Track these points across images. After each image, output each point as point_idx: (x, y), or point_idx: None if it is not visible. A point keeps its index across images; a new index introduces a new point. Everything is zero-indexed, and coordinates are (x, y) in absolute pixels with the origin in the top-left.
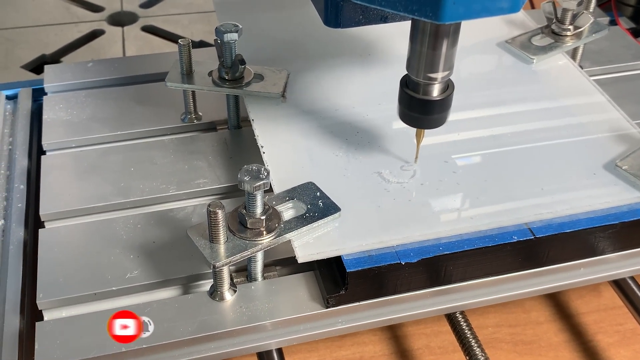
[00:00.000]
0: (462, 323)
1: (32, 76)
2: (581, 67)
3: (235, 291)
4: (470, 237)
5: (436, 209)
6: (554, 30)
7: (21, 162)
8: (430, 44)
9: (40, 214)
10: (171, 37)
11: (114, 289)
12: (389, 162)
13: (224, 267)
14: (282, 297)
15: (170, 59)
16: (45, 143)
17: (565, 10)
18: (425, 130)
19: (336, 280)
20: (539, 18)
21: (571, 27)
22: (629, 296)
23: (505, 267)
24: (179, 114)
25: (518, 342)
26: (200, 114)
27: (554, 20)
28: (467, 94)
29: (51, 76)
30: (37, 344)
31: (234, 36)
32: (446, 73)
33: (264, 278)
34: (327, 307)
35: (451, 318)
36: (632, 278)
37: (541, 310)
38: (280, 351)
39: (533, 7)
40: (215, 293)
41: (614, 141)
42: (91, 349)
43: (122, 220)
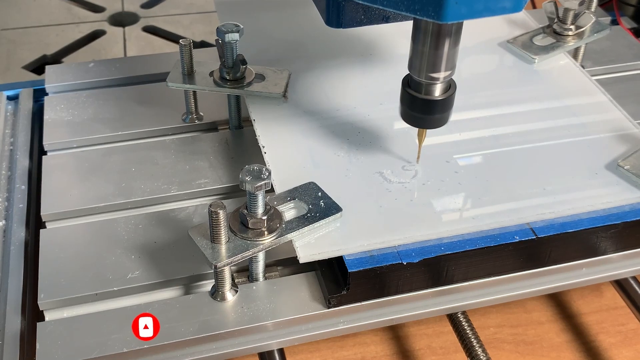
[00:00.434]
0: (464, 323)
1: (34, 76)
2: (583, 67)
3: (236, 291)
4: (472, 237)
5: (438, 209)
6: (555, 30)
7: (22, 162)
8: (432, 43)
9: (41, 214)
10: (172, 38)
11: (115, 289)
12: (390, 162)
13: (225, 268)
14: (284, 298)
15: (172, 59)
16: (47, 143)
17: (566, 10)
18: (427, 130)
19: (338, 280)
20: (540, 18)
21: (573, 27)
22: (630, 296)
23: (507, 267)
24: (180, 114)
25: (520, 343)
26: (202, 114)
27: (556, 20)
28: (469, 94)
29: (52, 77)
30: (38, 344)
31: (235, 36)
32: (448, 73)
33: (266, 278)
34: (328, 308)
35: (453, 318)
36: (634, 278)
37: (543, 311)
38: (281, 351)
39: (534, 6)
40: (216, 293)
41: (616, 141)
42: (93, 349)
43: (124, 220)
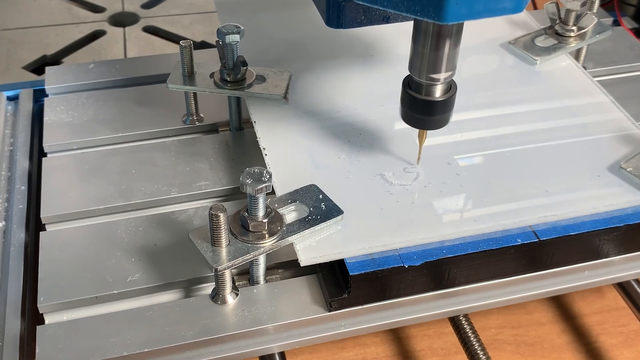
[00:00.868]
0: (465, 326)
1: (33, 77)
2: (584, 68)
3: (237, 294)
4: (474, 240)
5: (440, 211)
6: (557, 31)
7: (22, 163)
8: (433, 44)
9: (41, 216)
10: (172, 38)
11: (115, 292)
12: (392, 164)
13: (226, 271)
14: (285, 301)
15: (172, 60)
16: (47, 145)
17: (568, 11)
18: (428, 131)
19: (339, 283)
20: (542, 19)
21: (575, 28)
22: (632, 298)
23: (509, 270)
24: (180, 115)
25: (521, 344)
26: (202, 115)
27: (558, 21)
28: (471, 95)
29: (52, 78)
30: (38, 347)
31: (236, 37)
32: (449, 74)
33: (266, 281)
34: (329, 311)
35: (454, 321)
36: (636, 280)
37: (544, 312)
38: (282, 355)
39: (535, 7)
40: (217, 296)
41: (618, 142)
42: (92, 353)
43: (124, 222)
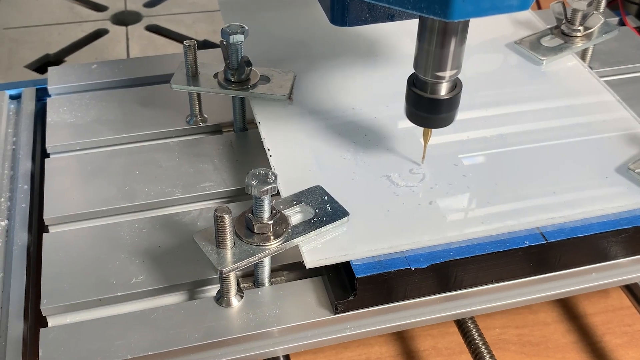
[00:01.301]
0: (472, 329)
1: (36, 76)
2: (591, 68)
3: (242, 297)
4: (481, 242)
5: (446, 213)
6: (563, 31)
7: (25, 164)
8: (439, 42)
9: (44, 217)
10: (175, 37)
11: (119, 294)
12: (397, 165)
13: (230, 273)
14: (290, 303)
15: (175, 60)
16: (49, 146)
17: (575, 11)
18: (434, 131)
19: (345, 286)
20: (547, 19)
21: (581, 28)
22: (638, 298)
23: (516, 272)
24: (184, 116)
25: (525, 343)
26: (206, 116)
27: (564, 21)
28: (476, 94)
29: (55, 78)
30: (41, 350)
31: (240, 38)
32: (454, 72)
33: (271, 283)
34: (335, 314)
35: (460, 323)
36: None
37: (549, 311)
38: (287, 358)
39: (540, 7)
40: (221, 299)
41: (626, 144)
42: (96, 355)
43: (127, 224)
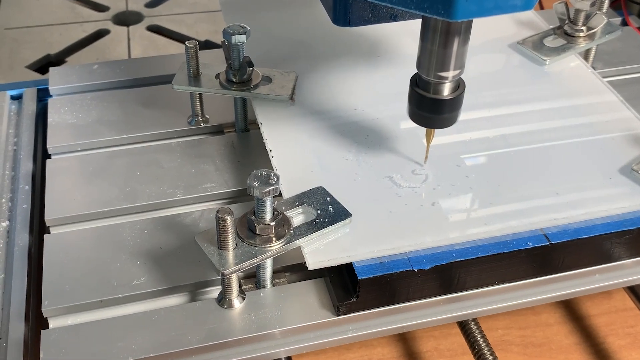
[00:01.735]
0: (474, 330)
1: (37, 76)
2: (594, 69)
3: (243, 298)
4: (484, 244)
5: (449, 214)
6: (566, 32)
7: (26, 164)
8: (441, 42)
9: (45, 219)
10: (177, 37)
11: (120, 296)
12: (400, 165)
13: (232, 275)
14: (292, 305)
15: (176, 60)
16: (51, 147)
17: (578, 11)
18: (437, 131)
19: (347, 287)
20: (550, 19)
21: (584, 28)
22: None
23: (519, 274)
24: (185, 116)
25: (528, 345)
26: (208, 116)
27: (567, 21)
28: (479, 94)
29: (56, 78)
30: (42, 352)
31: (242, 38)
32: (457, 72)
33: (273, 285)
34: (337, 315)
35: (463, 324)
36: None
37: (551, 312)
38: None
39: (542, 7)
40: (223, 300)
41: (630, 144)
42: (97, 357)
43: (129, 225)
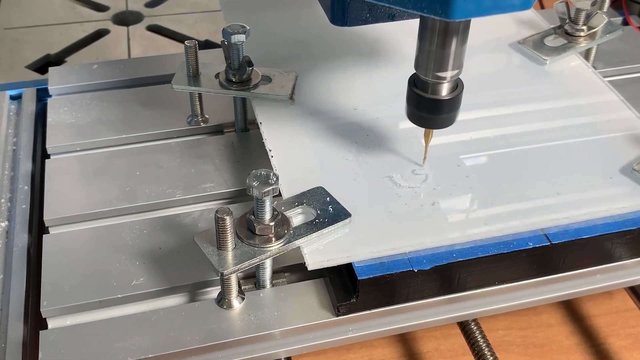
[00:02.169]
0: (475, 331)
1: (37, 76)
2: (594, 68)
3: (243, 299)
4: (484, 244)
5: (449, 214)
6: (567, 31)
7: (25, 164)
8: (439, 42)
9: (44, 219)
10: (176, 37)
11: (119, 296)
12: (400, 165)
13: (232, 275)
14: (291, 305)
15: (176, 60)
16: (50, 146)
17: (578, 11)
18: (437, 131)
19: (347, 287)
20: (550, 18)
21: (585, 28)
22: None
23: (520, 274)
24: (185, 116)
25: (529, 345)
26: (207, 116)
27: (567, 21)
28: (479, 94)
29: (56, 78)
30: (41, 352)
31: (242, 38)
32: (455, 72)
33: (273, 285)
34: (337, 316)
35: (463, 325)
36: None
37: (552, 313)
38: None
39: (542, 7)
40: (222, 301)
41: (631, 144)
42: (96, 358)
43: (128, 225)
